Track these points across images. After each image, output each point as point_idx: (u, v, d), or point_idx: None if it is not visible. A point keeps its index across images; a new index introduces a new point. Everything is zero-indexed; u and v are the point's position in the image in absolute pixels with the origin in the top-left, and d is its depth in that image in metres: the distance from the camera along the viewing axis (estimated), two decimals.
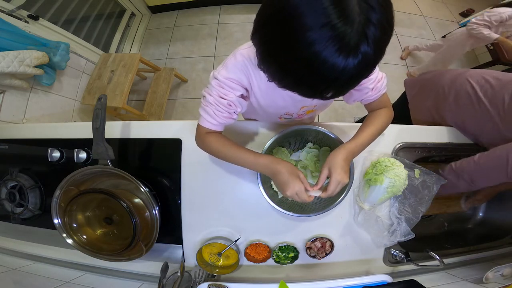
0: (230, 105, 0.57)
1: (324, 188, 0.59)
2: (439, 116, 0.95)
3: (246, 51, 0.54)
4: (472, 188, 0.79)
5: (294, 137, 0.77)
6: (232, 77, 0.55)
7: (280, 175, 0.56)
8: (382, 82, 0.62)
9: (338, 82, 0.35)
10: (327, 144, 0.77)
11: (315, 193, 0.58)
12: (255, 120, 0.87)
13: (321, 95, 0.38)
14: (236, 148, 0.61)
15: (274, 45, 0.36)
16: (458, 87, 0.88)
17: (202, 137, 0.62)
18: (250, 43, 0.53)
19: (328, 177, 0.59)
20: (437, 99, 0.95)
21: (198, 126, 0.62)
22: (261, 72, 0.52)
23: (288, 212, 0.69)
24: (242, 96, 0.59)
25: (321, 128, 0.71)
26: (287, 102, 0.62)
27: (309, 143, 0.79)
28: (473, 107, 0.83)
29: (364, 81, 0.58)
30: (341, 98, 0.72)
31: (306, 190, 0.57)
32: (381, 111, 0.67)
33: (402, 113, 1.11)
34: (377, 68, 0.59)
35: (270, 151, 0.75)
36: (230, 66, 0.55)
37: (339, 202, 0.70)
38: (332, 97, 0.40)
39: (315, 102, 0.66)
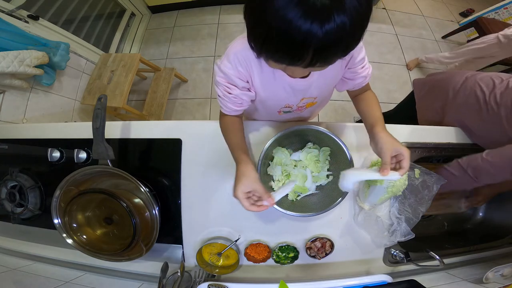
0: (236, 98, 0.61)
1: (396, 168, 0.58)
2: (446, 118, 0.95)
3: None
4: (475, 184, 0.80)
5: (294, 137, 0.77)
6: (232, 72, 0.57)
7: (235, 175, 0.61)
8: (370, 68, 0.65)
9: (312, 46, 0.36)
10: (327, 144, 0.77)
11: (266, 202, 0.57)
12: (254, 120, 0.87)
13: (303, 62, 0.40)
14: (233, 134, 0.68)
15: (254, 17, 0.39)
16: (467, 89, 0.88)
17: (220, 118, 0.71)
18: (234, 41, 0.56)
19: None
20: (446, 100, 0.95)
21: (220, 110, 0.69)
22: (262, 62, 0.55)
23: (288, 212, 0.69)
24: (247, 89, 0.61)
25: (321, 128, 0.71)
26: (288, 92, 0.63)
27: (309, 143, 0.79)
28: (482, 109, 0.83)
29: (360, 70, 0.61)
30: (340, 97, 0.73)
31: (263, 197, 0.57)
32: (370, 92, 0.70)
33: (408, 114, 1.11)
34: (364, 52, 0.60)
35: (270, 151, 0.75)
36: (231, 56, 0.56)
37: (339, 202, 0.70)
38: (318, 65, 0.41)
39: (316, 93, 0.66)
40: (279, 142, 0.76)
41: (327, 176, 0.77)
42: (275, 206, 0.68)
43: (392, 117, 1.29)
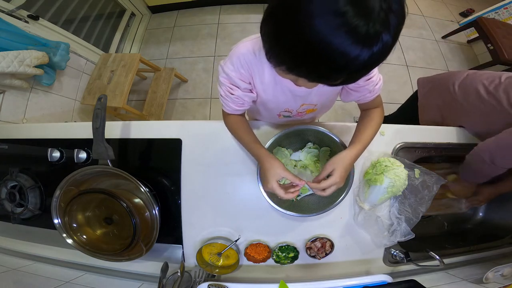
0: (237, 99, 0.62)
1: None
2: (448, 116, 0.95)
3: (251, 43, 0.55)
4: (494, 170, 0.78)
5: (294, 137, 0.77)
6: (234, 74, 0.58)
7: (261, 170, 0.66)
8: (380, 84, 0.64)
9: (351, 69, 0.35)
10: (327, 144, 0.77)
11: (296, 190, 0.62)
12: (256, 120, 0.87)
13: (334, 82, 0.39)
14: (244, 132, 0.70)
15: (285, 30, 0.35)
16: (467, 84, 0.88)
17: (224, 117, 0.72)
18: (255, 35, 0.55)
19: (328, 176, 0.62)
20: (446, 98, 0.95)
21: (222, 109, 0.69)
22: (264, 66, 0.55)
23: (288, 212, 0.69)
24: (248, 90, 0.62)
25: (321, 128, 0.71)
26: (288, 97, 0.64)
27: (309, 143, 0.79)
28: (483, 101, 0.82)
29: (364, 83, 0.60)
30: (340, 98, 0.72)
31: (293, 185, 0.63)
32: (376, 111, 0.69)
33: (410, 115, 1.11)
34: (376, 70, 0.60)
35: (270, 151, 0.75)
36: (234, 58, 0.57)
37: (339, 202, 0.70)
38: (344, 83, 0.40)
39: (316, 100, 0.67)
40: (279, 142, 0.76)
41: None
42: (275, 206, 0.69)
43: (394, 119, 1.29)
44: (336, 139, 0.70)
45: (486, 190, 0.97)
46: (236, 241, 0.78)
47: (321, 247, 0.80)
